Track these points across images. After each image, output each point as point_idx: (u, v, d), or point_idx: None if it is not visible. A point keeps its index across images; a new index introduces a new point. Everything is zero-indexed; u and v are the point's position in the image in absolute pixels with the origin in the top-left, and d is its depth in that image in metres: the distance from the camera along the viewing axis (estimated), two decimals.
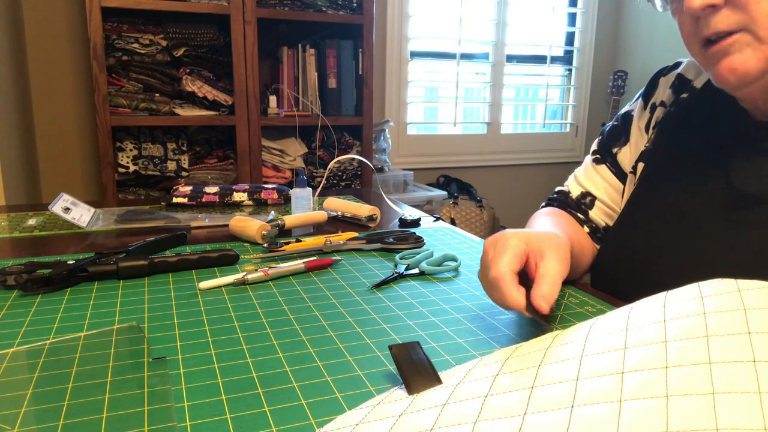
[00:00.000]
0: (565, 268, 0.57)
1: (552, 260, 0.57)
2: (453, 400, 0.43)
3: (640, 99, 0.84)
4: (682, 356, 0.38)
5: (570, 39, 3.30)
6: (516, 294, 0.54)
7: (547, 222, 0.79)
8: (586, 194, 0.86)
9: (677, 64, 0.81)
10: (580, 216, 0.86)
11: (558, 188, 0.92)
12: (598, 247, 0.86)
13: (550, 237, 0.60)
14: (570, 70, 3.34)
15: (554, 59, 3.28)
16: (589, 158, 0.88)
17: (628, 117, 0.84)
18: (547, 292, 0.54)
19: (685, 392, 0.35)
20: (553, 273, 0.55)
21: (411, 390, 0.45)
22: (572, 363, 0.43)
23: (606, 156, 0.85)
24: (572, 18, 3.27)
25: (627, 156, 0.83)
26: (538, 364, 0.45)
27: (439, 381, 0.46)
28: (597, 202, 0.85)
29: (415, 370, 0.47)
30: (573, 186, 0.88)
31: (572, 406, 0.38)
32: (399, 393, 0.46)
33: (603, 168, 0.85)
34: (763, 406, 0.33)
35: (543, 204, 0.93)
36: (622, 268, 0.75)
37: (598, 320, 0.48)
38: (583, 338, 0.46)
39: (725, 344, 0.38)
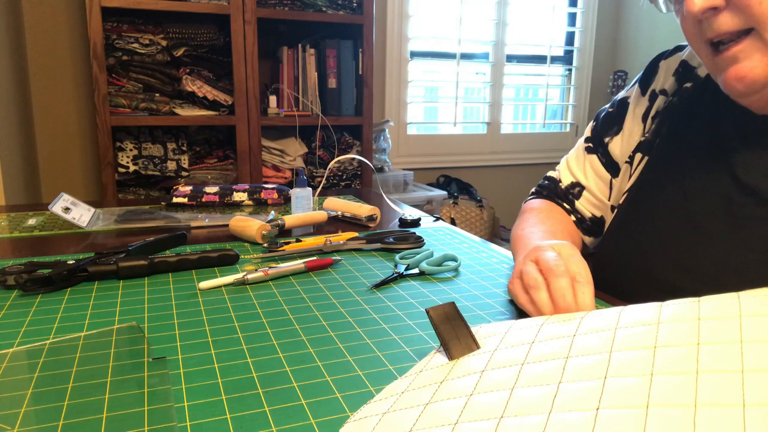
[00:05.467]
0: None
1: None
2: (491, 367, 0.44)
3: (637, 85, 0.82)
4: (714, 335, 0.39)
5: (570, 39, 3.30)
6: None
7: (542, 229, 0.78)
8: (575, 184, 0.86)
9: (679, 48, 0.79)
10: (567, 206, 0.87)
11: (549, 173, 0.92)
12: (584, 237, 0.87)
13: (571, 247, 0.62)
14: (570, 70, 3.34)
15: (554, 59, 3.28)
16: (581, 143, 0.88)
17: (623, 104, 0.83)
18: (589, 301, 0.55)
19: (713, 369, 0.36)
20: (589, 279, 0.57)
21: (451, 355, 0.47)
22: (607, 334, 0.44)
23: (597, 146, 0.85)
24: (572, 18, 3.27)
25: (618, 145, 0.82)
26: (573, 334, 0.45)
27: (477, 345, 0.48)
28: (585, 192, 0.85)
29: (453, 334, 0.48)
30: (564, 173, 0.89)
31: (605, 377, 0.38)
32: (439, 359, 0.47)
33: (593, 158, 0.85)
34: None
35: (533, 191, 0.94)
36: (623, 265, 0.74)
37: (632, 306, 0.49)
38: (617, 311, 0.47)
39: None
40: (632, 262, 0.73)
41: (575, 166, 0.87)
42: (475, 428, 0.37)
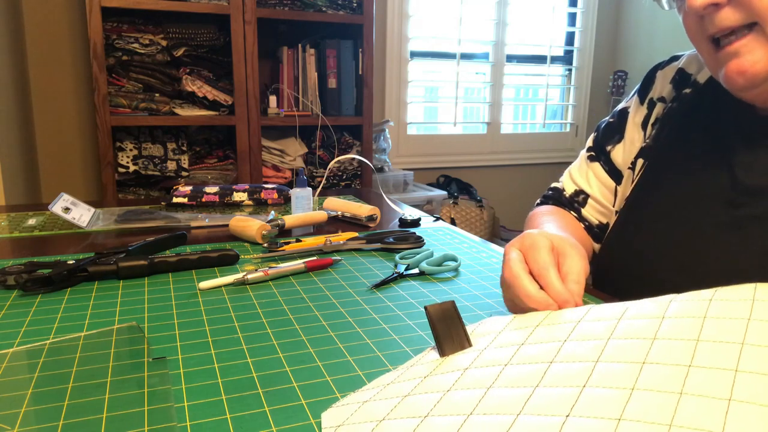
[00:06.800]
0: (587, 265, 0.55)
1: (574, 258, 0.54)
2: (475, 366, 0.44)
3: (636, 95, 0.83)
4: (710, 357, 0.38)
5: (570, 39, 3.30)
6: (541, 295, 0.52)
7: (551, 225, 0.77)
8: (579, 192, 0.87)
9: (675, 58, 0.80)
10: (574, 214, 0.87)
11: (553, 184, 0.93)
12: (593, 243, 0.86)
13: (567, 237, 0.58)
14: (570, 70, 3.34)
15: (554, 59, 3.28)
16: (583, 153, 0.89)
17: (624, 114, 0.84)
18: (575, 290, 0.52)
19: (701, 393, 0.35)
20: (577, 270, 0.53)
21: (443, 352, 0.48)
22: (597, 343, 0.43)
23: (600, 154, 0.85)
24: (572, 18, 3.27)
25: (620, 153, 0.82)
26: (564, 339, 0.45)
27: (469, 344, 0.48)
28: (590, 200, 0.86)
29: (447, 332, 0.49)
30: (567, 183, 0.89)
31: (584, 386, 0.38)
32: (432, 355, 0.48)
33: (596, 166, 0.85)
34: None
35: (538, 201, 0.94)
36: (624, 268, 0.74)
37: (637, 303, 0.48)
38: (617, 317, 0.46)
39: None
40: (633, 264, 0.73)
41: (578, 175, 0.88)
42: (444, 422, 0.38)
